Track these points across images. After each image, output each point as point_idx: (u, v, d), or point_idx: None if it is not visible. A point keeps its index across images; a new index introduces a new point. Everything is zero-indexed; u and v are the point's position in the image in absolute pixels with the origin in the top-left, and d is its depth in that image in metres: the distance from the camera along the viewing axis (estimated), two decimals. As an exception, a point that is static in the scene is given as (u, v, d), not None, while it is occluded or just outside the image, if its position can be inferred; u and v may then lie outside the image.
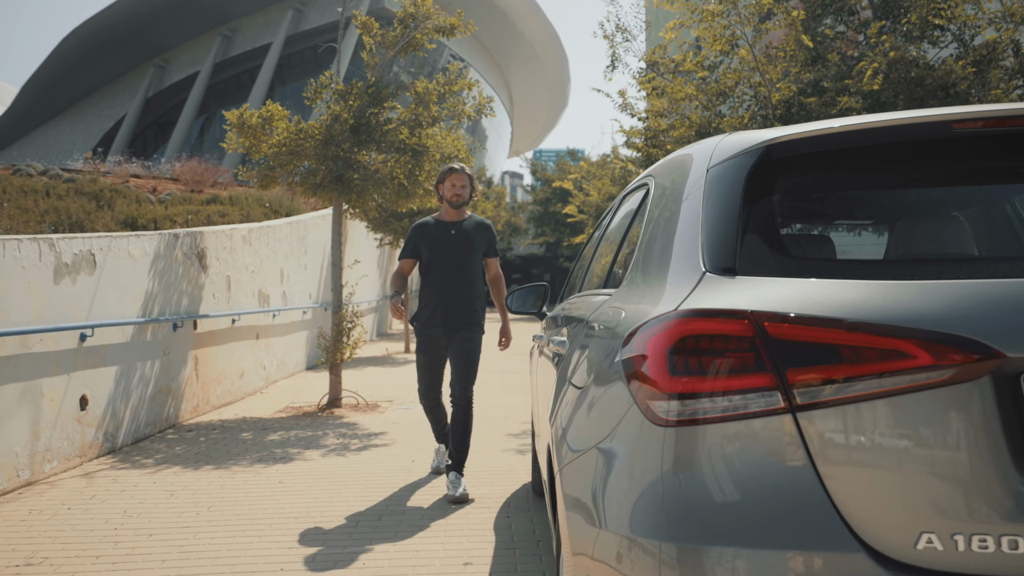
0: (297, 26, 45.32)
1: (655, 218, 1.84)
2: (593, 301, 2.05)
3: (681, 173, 1.84)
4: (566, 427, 1.67)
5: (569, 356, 1.93)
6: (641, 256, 1.78)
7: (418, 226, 4.78)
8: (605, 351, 1.57)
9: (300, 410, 7.79)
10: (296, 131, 7.60)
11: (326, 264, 12.80)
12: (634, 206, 2.28)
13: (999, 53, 7.22)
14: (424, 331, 4.70)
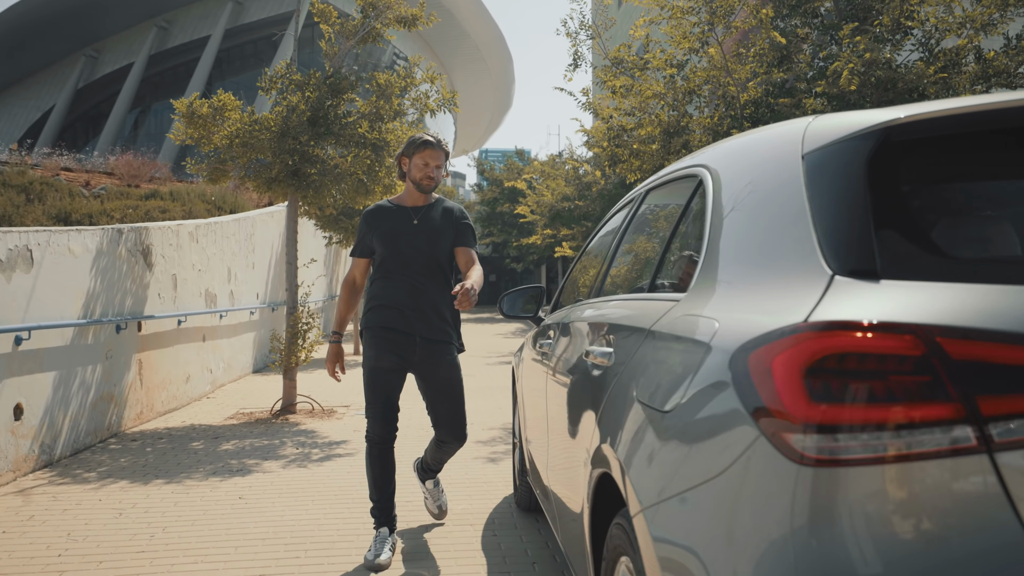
0: (237, 19, 44.17)
1: (727, 213, 1.60)
2: (646, 307, 1.81)
3: (758, 161, 1.62)
4: (642, 460, 1.41)
5: (625, 371, 1.68)
6: (717, 256, 1.55)
7: (371, 213, 3.58)
8: (692, 368, 1.33)
9: (252, 416, 7.38)
10: (250, 122, 7.20)
11: (275, 263, 12.32)
12: (680, 200, 2.05)
13: (962, 59, 7.25)
14: (384, 334, 3.47)
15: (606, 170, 14.11)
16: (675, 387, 1.36)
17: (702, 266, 1.60)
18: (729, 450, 1.17)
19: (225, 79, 43.01)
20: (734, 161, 1.74)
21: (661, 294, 1.80)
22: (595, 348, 1.95)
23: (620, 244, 2.51)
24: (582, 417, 2.00)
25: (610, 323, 1.96)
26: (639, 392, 1.52)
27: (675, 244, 1.94)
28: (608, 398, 1.72)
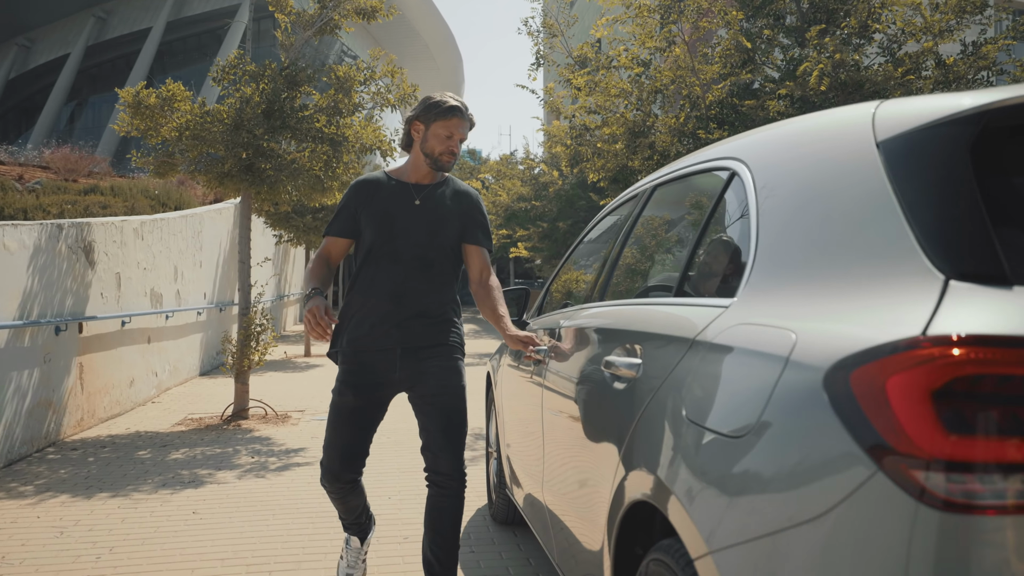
0: (179, 11, 42.95)
1: (779, 209, 1.44)
2: (680, 314, 1.62)
3: (813, 152, 1.45)
4: (706, 493, 1.21)
5: (665, 387, 1.49)
6: (772, 257, 1.38)
7: (362, 185, 2.84)
8: (766, 387, 1.15)
9: (201, 422, 7.03)
10: (201, 114, 6.85)
11: (223, 261, 11.89)
12: (705, 196, 1.88)
13: (922, 63, 7.30)
14: (355, 357, 2.74)
15: (564, 170, 14.00)
16: (745, 409, 1.17)
17: (753, 268, 1.42)
18: (832, 488, 0.99)
19: (167, 72, 41.74)
20: (778, 153, 1.57)
21: (696, 299, 1.63)
22: (617, 358, 1.75)
23: (625, 244, 2.33)
24: (601, 435, 1.82)
25: (633, 330, 1.77)
26: (691, 412, 1.33)
27: (705, 244, 1.77)
28: (643, 416, 1.53)
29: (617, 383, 1.73)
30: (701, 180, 1.98)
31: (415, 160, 2.83)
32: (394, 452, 5.71)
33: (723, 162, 1.81)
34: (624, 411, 1.65)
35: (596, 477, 1.80)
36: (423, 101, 2.80)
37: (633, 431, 1.56)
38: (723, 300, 1.47)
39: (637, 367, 1.65)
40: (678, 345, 1.49)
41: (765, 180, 1.54)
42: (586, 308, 2.38)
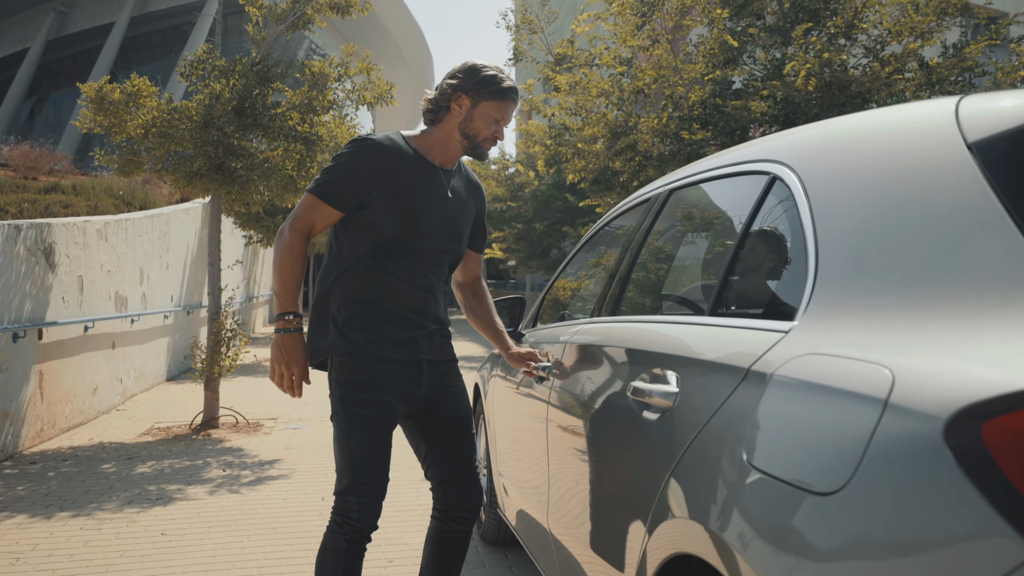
0: (144, 6, 42.13)
1: (842, 219, 1.27)
2: (723, 336, 1.44)
3: (879, 155, 1.28)
4: (791, 562, 1.02)
5: (715, 423, 1.30)
6: (840, 275, 1.21)
7: (382, 151, 2.22)
8: (861, 435, 0.95)
9: (169, 432, 6.74)
10: (168, 110, 6.56)
11: (190, 263, 11.55)
12: (738, 203, 1.70)
13: (905, 65, 7.24)
14: (375, 366, 2.25)
15: (540, 170, 13.84)
16: (833, 460, 0.99)
17: (815, 286, 1.25)
18: (970, 569, 0.81)
19: (131, 69, 40.83)
20: (833, 156, 1.40)
21: (740, 320, 1.45)
22: (646, 385, 1.57)
23: (639, 253, 2.15)
24: (627, 470, 1.63)
25: (666, 353, 1.59)
26: (755, 457, 1.15)
27: (744, 256, 1.59)
28: (686, 455, 1.35)
29: (647, 412, 1.55)
30: (730, 185, 1.80)
31: (446, 138, 2.33)
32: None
33: (758, 165, 1.64)
34: (659, 446, 1.47)
35: (621, 517, 1.62)
36: (471, 71, 2.29)
37: (674, 471, 1.37)
38: (778, 323, 1.29)
39: (673, 396, 1.46)
40: (728, 374, 1.31)
41: (820, 186, 1.36)
42: (597, 323, 2.19)
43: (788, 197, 1.46)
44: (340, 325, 2.26)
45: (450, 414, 2.38)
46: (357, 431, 2.22)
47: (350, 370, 2.24)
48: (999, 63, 7.55)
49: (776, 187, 1.52)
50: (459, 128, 2.32)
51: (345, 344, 2.25)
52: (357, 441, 2.22)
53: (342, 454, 2.24)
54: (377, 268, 2.25)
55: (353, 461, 2.21)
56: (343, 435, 2.23)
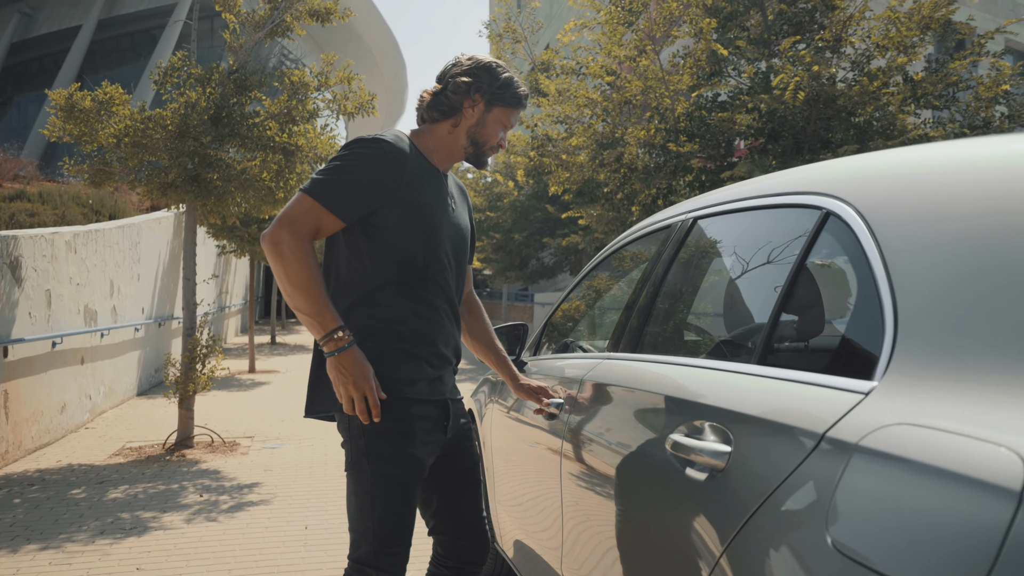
0: (112, 9, 41.49)
1: (924, 266, 1.14)
2: (780, 390, 1.30)
3: (966, 194, 1.16)
4: None
5: (782, 495, 1.16)
6: (937, 331, 1.08)
7: (402, 156, 1.94)
8: (991, 532, 0.82)
9: (141, 452, 6.50)
10: (143, 119, 6.35)
11: (162, 273, 11.27)
12: (785, 239, 1.58)
13: (891, 79, 7.23)
14: (405, 410, 1.96)
15: (519, 180, 13.71)
16: (953, 561, 0.86)
17: (898, 342, 1.12)
18: None
19: (98, 73, 40.23)
20: (905, 193, 1.27)
21: (801, 373, 1.31)
22: (690, 440, 1.43)
23: (661, 286, 2.02)
24: (666, 530, 1.49)
25: (713, 406, 1.45)
26: (846, 543, 1.00)
27: (798, 300, 1.46)
28: (747, 528, 1.21)
29: (692, 471, 1.41)
30: (768, 216, 1.68)
31: (450, 141, 2.08)
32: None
33: (805, 197, 1.51)
34: (710, 511, 1.33)
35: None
36: (489, 71, 2.05)
37: (733, 542, 1.24)
38: (851, 381, 1.17)
39: (725, 456, 1.33)
40: (796, 438, 1.18)
41: (891, 226, 1.24)
42: (619, 359, 2.05)
43: (848, 236, 1.33)
44: (398, 366, 1.95)
45: (466, 460, 2.17)
46: (383, 493, 1.91)
47: (382, 425, 1.92)
48: (980, 78, 7.57)
49: (831, 224, 1.40)
50: (466, 132, 2.08)
51: (397, 397, 1.94)
52: (382, 504, 1.91)
53: (362, 517, 1.92)
54: (403, 294, 1.95)
55: (376, 527, 1.91)
56: (365, 496, 1.91)
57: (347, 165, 1.90)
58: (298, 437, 7.16)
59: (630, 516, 1.67)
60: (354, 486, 1.94)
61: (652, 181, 7.41)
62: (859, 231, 1.30)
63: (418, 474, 1.97)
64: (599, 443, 1.91)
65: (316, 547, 4.09)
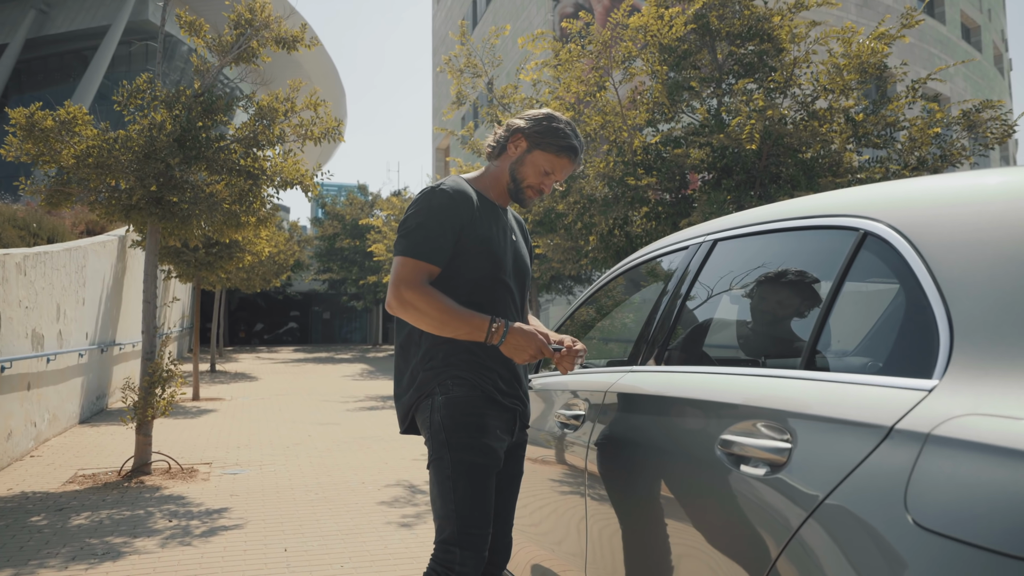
0: (41, 28, 40.44)
1: (963, 276, 1.32)
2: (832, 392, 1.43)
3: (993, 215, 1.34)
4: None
5: (861, 480, 1.28)
6: (989, 332, 1.25)
7: (463, 198, 2.21)
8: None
9: (96, 479, 6.34)
10: (108, 140, 6.28)
11: (105, 298, 10.99)
12: (819, 258, 1.75)
13: (833, 119, 7.66)
14: (485, 409, 2.18)
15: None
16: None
17: (955, 345, 1.28)
18: None
19: (24, 92, 39.10)
20: (944, 216, 1.44)
21: (853, 375, 1.47)
22: (746, 439, 1.57)
23: (684, 303, 2.17)
24: (722, 526, 1.61)
25: (765, 407, 1.58)
26: (927, 517, 1.14)
27: (842, 311, 1.63)
28: (819, 513, 1.33)
29: (747, 467, 1.55)
30: (798, 239, 1.85)
31: (498, 176, 2.34)
32: (327, 512, 5.31)
33: (840, 220, 1.68)
34: (772, 504, 1.46)
35: (713, 572, 1.61)
36: (541, 119, 2.31)
37: (800, 530, 1.37)
38: (914, 381, 1.32)
39: (786, 452, 1.47)
40: (861, 431, 1.33)
41: (936, 245, 1.41)
42: (647, 371, 2.18)
43: (891, 254, 1.50)
44: (442, 364, 2.17)
45: (516, 467, 2.37)
46: (463, 478, 2.12)
47: (459, 411, 2.14)
48: (914, 119, 8.07)
49: (870, 242, 1.57)
50: (509, 168, 2.33)
51: (453, 382, 2.16)
52: (462, 489, 2.11)
53: (444, 502, 2.12)
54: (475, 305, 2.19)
55: (457, 509, 2.11)
56: (448, 482, 2.12)
57: (425, 219, 2.16)
58: (258, 463, 7.08)
59: (673, 515, 1.79)
60: (437, 476, 2.15)
61: (609, 211, 7.65)
62: (903, 250, 1.47)
63: (494, 462, 2.17)
64: (632, 451, 2.03)
65: (299, 568, 4.08)
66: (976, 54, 34.05)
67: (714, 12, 7.62)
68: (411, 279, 2.12)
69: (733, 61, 8.12)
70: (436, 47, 40.45)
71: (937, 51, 30.16)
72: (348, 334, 37.73)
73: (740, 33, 7.90)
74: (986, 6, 36.48)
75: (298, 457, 7.43)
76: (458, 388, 2.16)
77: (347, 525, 4.92)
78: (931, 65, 28.92)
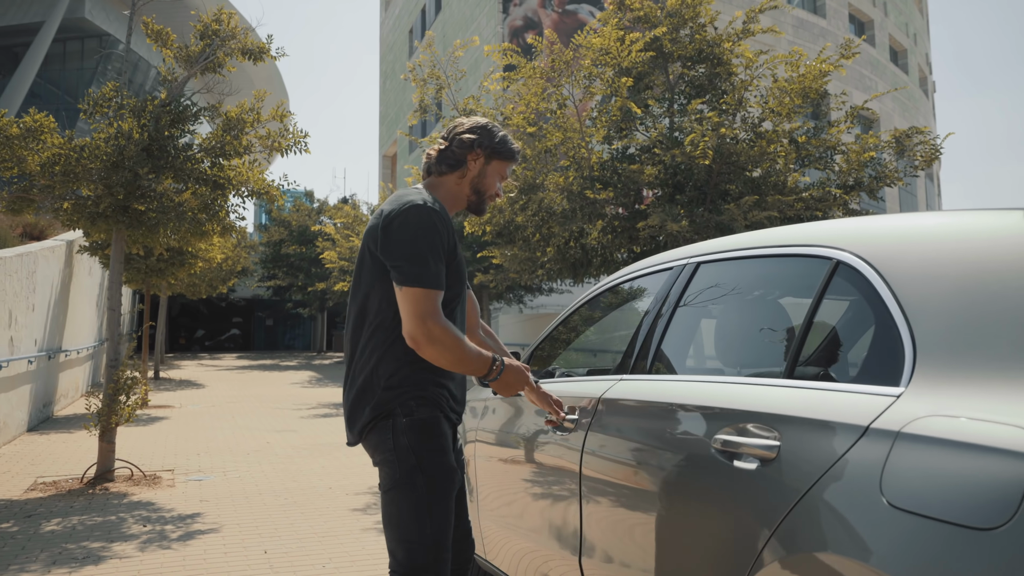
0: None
1: (929, 300, 1.61)
2: (829, 399, 1.71)
3: (952, 249, 1.64)
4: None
5: (841, 471, 1.56)
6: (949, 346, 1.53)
7: (444, 220, 2.20)
8: (1014, 483, 1.27)
9: (59, 487, 6.33)
10: (76, 148, 6.31)
11: (53, 304, 10.83)
12: (795, 282, 2.03)
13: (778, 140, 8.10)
14: (445, 427, 2.25)
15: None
16: (992, 500, 1.28)
17: (917, 359, 1.57)
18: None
19: (-51, 89, 37.70)
20: (908, 248, 1.71)
21: (827, 383, 1.75)
22: (736, 438, 1.83)
23: (671, 319, 2.43)
24: (717, 515, 1.86)
25: (753, 410, 1.85)
26: (899, 499, 1.41)
27: (819, 329, 1.91)
28: (807, 498, 1.60)
29: (741, 462, 1.81)
30: (775, 265, 2.13)
31: (456, 192, 2.38)
32: (300, 516, 5.44)
33: (812, 249, 1.97)
34: (767, 490, 1.71)
35: (711, 557, 1.86)
36: (485, 128, 2.37)
37: (791, 513, 1.63)
38: (883, 388, 1.60)
39: (775, 448, 1.74)
40: (841, 430, 1.60)
41: (900, 272, 1.68)
42: (637, 380, 2.43)
43: (860, 280, 1.79)
44: (405, 383, 2.17)
45: (461, 475, 2.34)
46: (439, 501, 2.13)
47: (426, 433, 2.16)
48: (852, 143, 8.57)
49: (842, 270, 1.86)
50: (470, 183, 2.38)
51: (416, 403, 2.16)
52: (439, 512, 2.12)
53: (420, 527, 2.10)
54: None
55: (435, 534, 2.11)
56: (424, 506, 2.11)
57: (428, 242, 2.13)
58: (221, 470, 7.14)
59: (669, 508, 2.04)
60: (407, 500, 2.12)
61: (568, 224, 7.94)
62: (871, 277, 1.76)
63: (457, 483, 2.23)
64: (629, 452, 2.27)
65: (282, 569, 4.23)
66: (903, 76, 35.61)
67: (667, 36, 8.00)
68: (436, 312, 2.10)
69: (685, 83, 8.51)
70: (384, 54, 40.45)
71: (868, 72, 31.49)
72: (291, 341, 37.37)
73: (691, 56, 8.30)
74: (912, 31, 38.19)
75: (260, 463, 7.51)
76: (422, 409, 2.16)
77: (322, 529, 5.07)
78: (863, 85, 30.22)
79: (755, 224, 7.02)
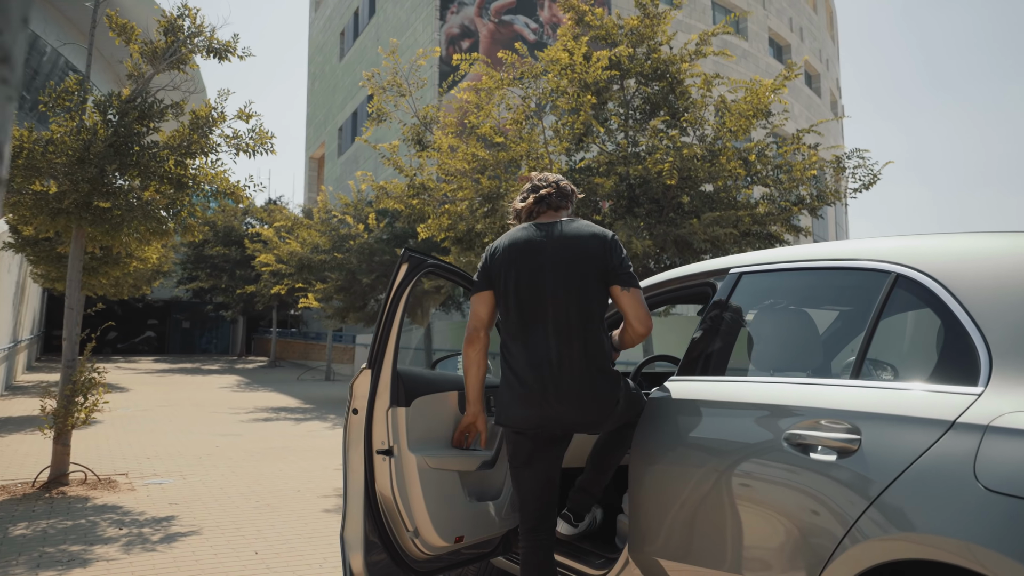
0: None
1: (993, 311, 1.84)
2: (909, 398, 1.91)
3: (1014, 264, 1.88)
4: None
5: (931, 461, 1.74)
6: (1018, 354, 1.76)
7: None
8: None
9: (11, 491, 6.11)
10: (41, 142, 6.11)
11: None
12: (856, 295, 2.24)
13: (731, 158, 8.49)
14: None
15: (370, 223, 13.96)
16: None
17: (993, 362, 1.79)
18: None
19: None
20: (968, 264, 1.96)
21: (903, 383, 1.96)
22: (817, 432, 2.02)
23: (722, 323, 2.62)
24: (793, 505, 2.04)
25: (828, 408, 2.05)
26: (995, 482, 1.61)
27: (883, 336, 2.12)
28: (898, 484, 1.79)
29: (817, 455, 2.00)
30: (835, 278, 2.34)
31: None
32: (277, 518, 5.42)
33: (872, 263, 2.18)
34: (851, 481, 1.90)
35: (786, 546, 2.04)
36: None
37: (881, 499, 1.82)
38: (963, 387, 1.82)
39: (856, 441, 1.94)
40: (926, 424, 1.81)
41: (967, 286, 1.92)
42: (692, 381, 2.60)
43: (924, 292, 2.01)
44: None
45: None
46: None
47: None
48: (796, 163, 9.05)
49: (903, 282, 2.08)
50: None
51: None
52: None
53: None
54: None
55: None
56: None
57: None
58: (178, 473, 7.01)
59: (744, 499, 2.22)
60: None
61: (528, 233, 8.11)
62: (935, 289, 1.98)
63: None
64: (685, 446, 2.45)
65: (279, 568, 4.25)
66: (817, 99, 37.37)
67: (625, 53, 8.29)
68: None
69: (641, 99, 8.82)
70: (312, 55, 39.84)
71: (787, 95, 32.84)
72: (208, 344, 36.28)
73: (647, 74, 8.61)
74: (824, 56, 40.12)
75: (216, 467, 7.38)
76: None
77: (305, 530, 5.07)
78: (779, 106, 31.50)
79: (713, 239, 7.34)
